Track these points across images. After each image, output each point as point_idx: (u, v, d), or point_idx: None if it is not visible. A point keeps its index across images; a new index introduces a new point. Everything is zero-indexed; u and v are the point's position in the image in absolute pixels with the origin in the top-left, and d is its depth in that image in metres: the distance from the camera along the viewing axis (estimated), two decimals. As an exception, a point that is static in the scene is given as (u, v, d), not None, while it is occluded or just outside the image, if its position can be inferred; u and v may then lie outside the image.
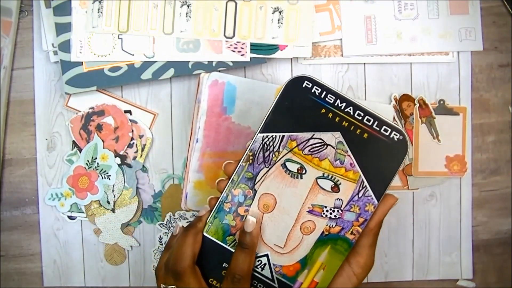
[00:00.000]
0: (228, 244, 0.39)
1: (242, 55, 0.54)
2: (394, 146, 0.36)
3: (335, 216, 0.38)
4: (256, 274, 0.39)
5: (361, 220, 0.37)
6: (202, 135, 0.51)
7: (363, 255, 0.39)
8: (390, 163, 0.37)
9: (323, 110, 0.37)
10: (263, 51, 0.54)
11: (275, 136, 0.38)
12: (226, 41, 0.54)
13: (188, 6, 0.53)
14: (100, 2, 0.53)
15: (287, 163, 0.38)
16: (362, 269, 0.39)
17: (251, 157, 0.39)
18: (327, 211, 0.38)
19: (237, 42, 0.54)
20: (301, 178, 0.38)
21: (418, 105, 0.56)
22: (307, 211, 0.38)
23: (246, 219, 0.38)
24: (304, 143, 0.38)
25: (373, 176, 0.37)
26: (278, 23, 0.54)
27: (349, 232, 0.38)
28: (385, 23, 0.56)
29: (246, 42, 0.54)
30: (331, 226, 0.38)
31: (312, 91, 0.37)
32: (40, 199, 0.57)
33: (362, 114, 0.37)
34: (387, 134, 0.36)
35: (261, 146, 0.38)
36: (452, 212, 0.58)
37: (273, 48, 0.54)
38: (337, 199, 0.38)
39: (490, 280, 0.59)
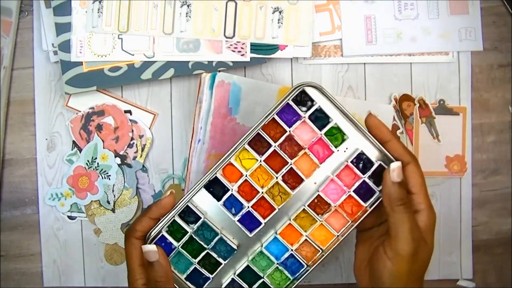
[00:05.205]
0: None
1: (242, 55, 0.54)
2: None
3: None
4: None
5: None
6: (208, 136, 0.51)
7: (395, 237, 0.34)
8: None
9: None
10: (263, 51, 0.54)
11: None
12: (226, 41, 0.54)
13: (188, 6, 0.53)
14: (100, 2, 0.53)
15: None
16: (394, 253, 0.35)
17: None
18: None
19: (237, 42, 0.54)
20: None
21: (418, 105, 0.56)
22: None
23: None
24: None
25: None
26: (278, 23, 0.54)
27: None
28: (385, 23, 0.56)
29: (246, 42, 0.54)
30: None
31: None
32: (40, 199, 0.57)
33: None
34: None
35: None
36: (452, 212, 0.58)
37: (273, 48, 0.54)
38: None
39: (490, 280, 0.59)
